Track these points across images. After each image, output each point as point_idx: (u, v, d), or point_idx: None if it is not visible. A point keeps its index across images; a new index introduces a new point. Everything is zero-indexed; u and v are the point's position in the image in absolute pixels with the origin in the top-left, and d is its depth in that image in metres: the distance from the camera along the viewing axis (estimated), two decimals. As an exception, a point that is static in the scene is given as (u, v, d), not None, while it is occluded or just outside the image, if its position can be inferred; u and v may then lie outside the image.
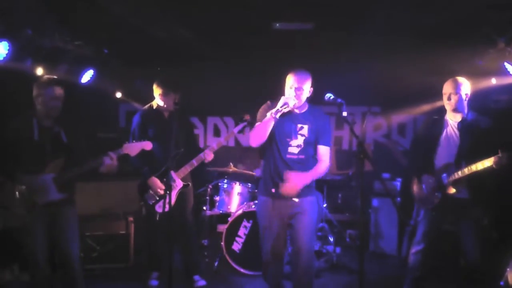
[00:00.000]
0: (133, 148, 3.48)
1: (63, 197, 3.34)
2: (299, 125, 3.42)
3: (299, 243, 3.42)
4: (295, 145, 3.41)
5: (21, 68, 4.33)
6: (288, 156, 3.41)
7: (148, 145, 3.54)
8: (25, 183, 3.24)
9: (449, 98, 3.52)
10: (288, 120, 3.42)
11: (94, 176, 3.48)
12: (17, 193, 3.22)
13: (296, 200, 3.41)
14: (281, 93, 3.41)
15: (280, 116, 3.32)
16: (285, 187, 3.32)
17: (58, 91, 3.32)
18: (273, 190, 3.41)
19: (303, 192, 3.41)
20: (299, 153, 3.42)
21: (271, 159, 3.47)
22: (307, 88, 3.39)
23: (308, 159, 3.45)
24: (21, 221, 3.24)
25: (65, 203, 3.38)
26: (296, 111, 3.44)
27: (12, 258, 4.37)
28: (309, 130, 3.42)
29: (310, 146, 3.45)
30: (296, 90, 3.35)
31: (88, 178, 3.54)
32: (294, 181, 3.32)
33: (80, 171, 3.33)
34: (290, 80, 3.38)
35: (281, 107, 3.27)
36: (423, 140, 3.75)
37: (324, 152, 3.46)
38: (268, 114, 3.30)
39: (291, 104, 3.29)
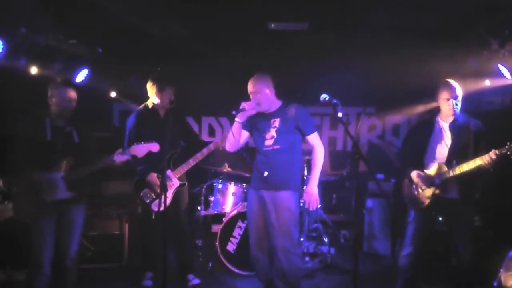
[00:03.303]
0: (141, 149, 3.48)
1: (72, 196, 3.39)
2: (272, 120, 3.65)
3: (272, 240, 3.54)
4: (269, 137, 3.63)
5: (15, 67, 4.31)
6: (264, 148, 3.64)
7: (155, 147, 3.51)
8: (34, 180, 3.27)
9: (456, 101, 3.46)
10: (262, 119, 3.68)
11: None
12: (25, 190, 3.27)
13: (273, 192, 3.57)
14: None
15: (256, 118, 3.64)
16: (308, 203, 3.59)
17: (71, 93, 3.45)
18: (266, 174, 3.59)
19: (277, 185, 3.55)
20: (274, 143, 3.60)
21: (255, 155, 3.75)
22: (263, 89, 3.58)
23: (284, 149, 3.59)
24: (29, 218, 3.28)
25: (74, 202, 3.43)
26: (268, 111, 3.66)
27: (5, 257, 4.34)
28: (280, 121, 3.61)
29: (284, 134, 3.58)
30: (251, 94, 3.63)
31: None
32: (310, 194, 3.57)
33: (90, 170, 3.38)
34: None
35: (236, 111, 3.53)
36: (414, 141, 3.75)
37: (313, 139, 3.65)
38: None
39: (248, 107, 3.54)
